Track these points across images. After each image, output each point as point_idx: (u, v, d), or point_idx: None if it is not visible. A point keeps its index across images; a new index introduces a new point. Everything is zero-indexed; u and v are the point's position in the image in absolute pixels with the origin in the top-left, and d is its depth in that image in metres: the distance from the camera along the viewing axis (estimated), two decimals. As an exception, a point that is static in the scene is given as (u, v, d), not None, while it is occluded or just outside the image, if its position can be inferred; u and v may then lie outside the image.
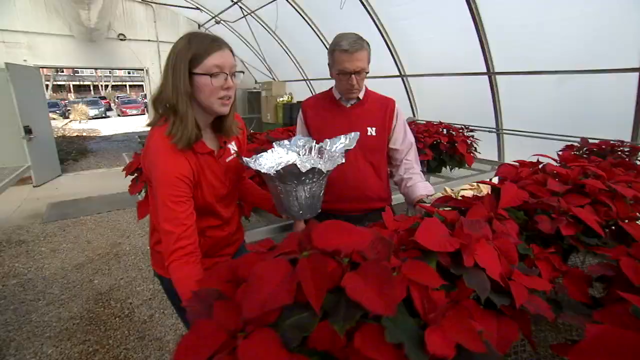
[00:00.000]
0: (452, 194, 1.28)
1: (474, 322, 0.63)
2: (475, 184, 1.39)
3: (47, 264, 3.03)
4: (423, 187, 1.38)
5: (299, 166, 0.81)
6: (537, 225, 0.93)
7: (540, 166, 1.36)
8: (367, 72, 1.33)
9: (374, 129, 1.42)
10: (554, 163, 1.39)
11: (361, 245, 0.51)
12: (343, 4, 3.67)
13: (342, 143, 1.03)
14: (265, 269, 0.45)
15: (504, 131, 3.37)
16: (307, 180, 0.88)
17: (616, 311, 0.61)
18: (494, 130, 3.43)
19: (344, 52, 1.27)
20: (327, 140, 1.09)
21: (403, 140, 1.47)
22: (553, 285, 0.70)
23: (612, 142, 1.77)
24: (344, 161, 0.96)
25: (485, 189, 1.24)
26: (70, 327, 2.21)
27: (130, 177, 1.89)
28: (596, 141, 1.93)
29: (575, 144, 2.02)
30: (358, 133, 1.06)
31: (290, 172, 0.86)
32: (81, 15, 4.56)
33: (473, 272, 0.64)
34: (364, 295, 0.40)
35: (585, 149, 1.91)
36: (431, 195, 1.39)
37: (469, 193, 1.24)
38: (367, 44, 1.33)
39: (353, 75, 1.30)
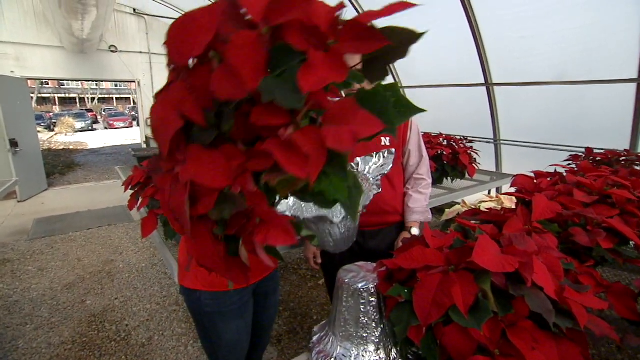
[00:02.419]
0: (473, 207, 1.26)
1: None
2: (493, 195, 1.37)
3: (34, 285, 2.86)
4: (420, 214, 1.41)
5: (330, 218, 0.76)
6: (573, 238, 0.90)
7: (557, 177, 1.35)
8: None
9: (387, 139, 1.39)
10: (564, 172, 1.38)
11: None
12: (344, 14, 3.70)
13: (375, 164, 0.96)
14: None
15: (502, 141, 3.41)
16: (342, 218, 0.83)
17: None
18: (491, 140, 3.47)
19: None
20: (358, 159, 0.98)
21: (416, 152, 1.45)
22: (608, 304, 0.67)
23: (618, 151, 1.79)
24: (380, 190, 0.90)
25: (507, 201, 1.22)
26: (61, 354, 2.06)
27: (125, 192, 1.81)
28: (601, 151, 1.95)
29: (579, 153, 2.04)
30: (393, 150, 1.00)
31: (321, 218, 0.81)
32: (73, 26, 4.47)
33: (532, 293, 0.61)
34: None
35: (590, 158, 1.92)
36: (421, 223, 1.39)
37: (491, 205, 1.21)
38: None
39: None
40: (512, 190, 1.30)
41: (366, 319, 0.80)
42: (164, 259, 1.80)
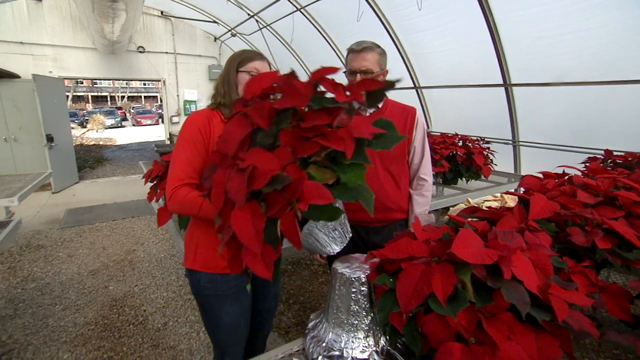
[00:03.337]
0: (475, 205, 1.26)
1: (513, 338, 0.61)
2: (499, 195, 1.36)
3: (64, 269, 3.08)
4: (424, 219, 1.42)
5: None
6: (570, 238, 0.90)
7: (566, 177, 1.33)
8: (373, 73, 1.31)
9: (394, 138, 1.41)
10: (578, 174, 1.35)
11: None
12: (360, 15, 3.73)
13: None
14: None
15: (520, 143, 3.31)
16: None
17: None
18: (510, 142, 3.38)
19: (352, 51, 1.33)
20: None
21: (419, 152, 1.45)
22: (594, 301, 0.67)
23: (638, 153, 1.72)
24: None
25: (510, 201, 1.22)
26: (85, 333, 2.22)
27: (147, 186, 1.92)
28: (621, 153, 1.88)
29: (598, 155, 1.97)
30: None
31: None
32: (105, 29, 4.75)
33: (511, 285, 0.62)
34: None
35: (609, 160, 1.86)
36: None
37: (494, 204, 1.21)
38: (382, 50, 1.35)
39: (358, 74, 1.31)
40: (521, 190, 1.29)
41: (357, 307, 0.84)
42: (178, 248, 1.91)
